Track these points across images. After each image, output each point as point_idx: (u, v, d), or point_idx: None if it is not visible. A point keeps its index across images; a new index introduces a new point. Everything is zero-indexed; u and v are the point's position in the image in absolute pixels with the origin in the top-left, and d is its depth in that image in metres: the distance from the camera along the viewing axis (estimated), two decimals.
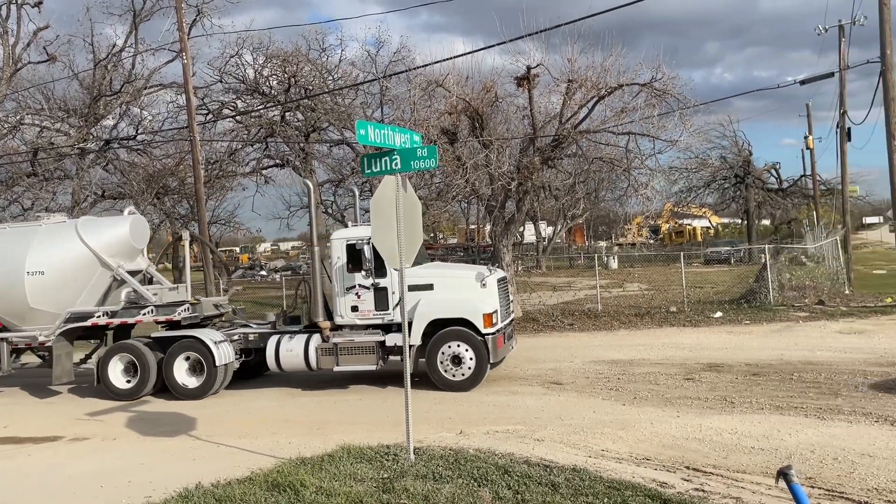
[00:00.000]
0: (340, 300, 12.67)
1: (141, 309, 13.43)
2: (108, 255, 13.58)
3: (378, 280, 12.47)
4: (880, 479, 6.65)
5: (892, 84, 19.29)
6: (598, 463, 7.36)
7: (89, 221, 14.70)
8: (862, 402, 9.83)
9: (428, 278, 12.68)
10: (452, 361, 12.11)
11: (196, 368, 12.86)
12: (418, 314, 12.25)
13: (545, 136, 21.23)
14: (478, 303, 12.29)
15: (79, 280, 13.49)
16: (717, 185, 50.46)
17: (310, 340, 12.73)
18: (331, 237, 13.31)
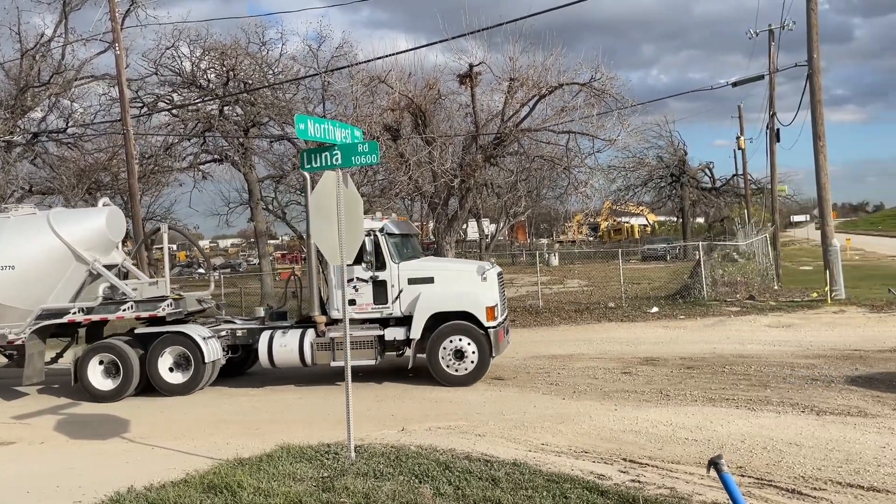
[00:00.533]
0: (337, 294, 12.36)
1: (120, 305, 12.87)
2: (83, 248, 12.93)
3: (377, 273, 12.29)
4: (806, 467, 6.91)
5: (818, 87, 20.10)
6: (539, 457, 7.44)
7: (62, 213, 14.02)
8: (789, 394, 10.22)
9: (428, 271, 12.60)
10: (455, 356, 11.96)
11: (182, 364, 12.49)
12: (419, 308, 12.11)
13: (488, 134, 21.35)
14: (480, 296, 12.19)
15: (52, 275, 12.80)
16: (654, 184, 51.73)
17: (304, 335, 12.44)
18: None
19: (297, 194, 29.52)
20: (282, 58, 29.07)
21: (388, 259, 12.36)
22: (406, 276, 12.37)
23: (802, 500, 6.01)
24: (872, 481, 6.39)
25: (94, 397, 12.34)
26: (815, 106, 20.02)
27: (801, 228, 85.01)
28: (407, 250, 13.07)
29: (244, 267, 56.74)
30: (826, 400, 9.72)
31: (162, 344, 12.42)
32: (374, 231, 12.26)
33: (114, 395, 12.33)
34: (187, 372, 12.40)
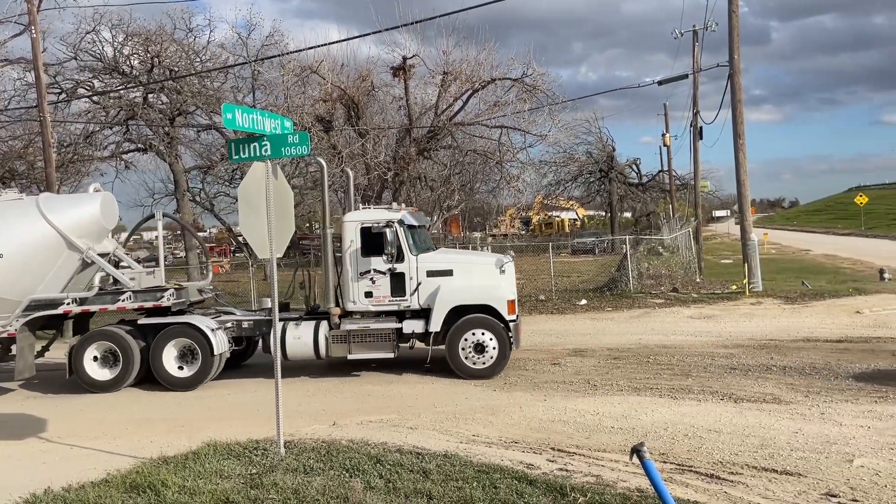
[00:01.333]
0: (353, 286, 12.12)
1: (117, 294, 12.33)
2: (76, 235, 12.25)
3: (395, 265, 12.05)
4: (724, 453, 7.20)
5: (738, 87, 20.89)
6: (470, 448, 7.51)
7: (52, 198, 13.31)
8: (710, 382, 10.63)
9: (447, 264, 12.42)
10: (475, 349, 11.83)
11: (187, 357, 12.09)
12: (440, 300, 11.94)
13: (421, 128, 21.37)
14: (501, 289, 12.12)
15: (42, 264, 12.10)
16: (584, 179, 52.79)
17: (319, 328, 12.16)
18: (343, 220, 12.56)
19: (225, 185, 28.83)
20: (210, 45, 28.30)
21: (407, 251, 12.15)
22: (425, 269, 12.19)
23: (720, 484, 6.26)
24: (786, 465, 6.72)
25: (90, 387, 11.91)
26: (735, 105, 20.80)
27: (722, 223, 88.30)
28: (421, 242, 12.88)
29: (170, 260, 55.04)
30: (743, 388, 10.15)
31: (168, 335, 12.02)
32: (392, 222, 12.07)
33: (111, 385, 11.92)
34: (192, 365, 12.02)
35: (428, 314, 12.06)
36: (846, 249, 40.98)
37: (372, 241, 12.04)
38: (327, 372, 12.68)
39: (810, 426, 8.00)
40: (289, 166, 21.49)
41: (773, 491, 6.06)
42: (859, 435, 7.58)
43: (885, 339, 13.35)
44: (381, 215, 12.29)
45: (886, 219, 61.66)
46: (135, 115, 27.31)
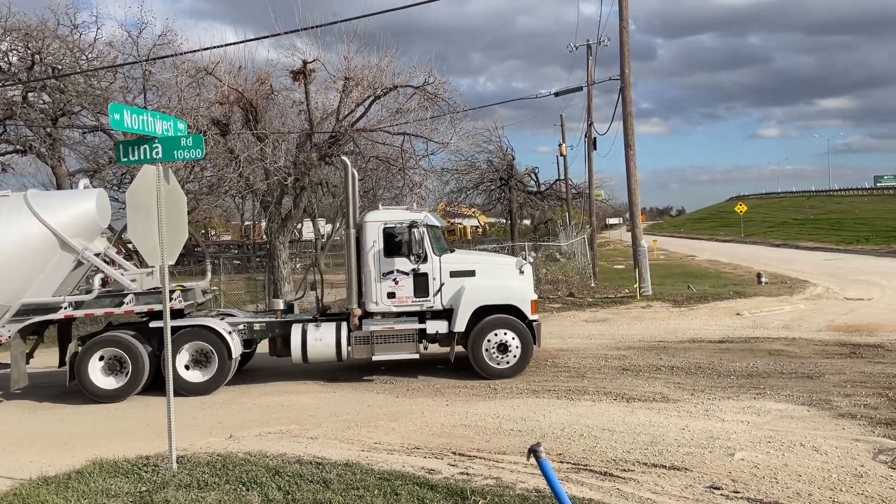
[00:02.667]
0: (376, 286, 11.98)
1: (118, 297, 11.64)
2: (70, 234, 11.45)
3: (419, 266, 11.97)
4: (618, 451, 7.49)
5: (629, 100, 21.86)
6: (371, 456, 7.46)
7: (43, 195, 12.52)
8: (604, 383, 11.02)
9: (469, 264, 12.47)
10: (498, 349, 11.84)
11: (200, 361, 11.59)
12: (465, 301, 11.92)
13: (322, 133, 21.09)
14: (524, 290, 12.28)
15: (32, 265, 11.27)
16: (485, 187, 53.58)
17: (340, 328, 11.91)
18: (365, 220, 12.26)
19: (114, 189, 27.41)
20: (97, 43, 26.87)
21: (430, 252, 12.12)
22: (448, 269, 12.19)
23: (613, 481, 6.50)
24: (673, 460, 7.05)
25: (94, 397, 11.23)
26: (626, 117, 21.75)
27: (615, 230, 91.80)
28: (440, 243, 12.86)
29: None
30: (635, 388, 10.59)
31: (182, 339, 11.45)
32: (416, 223, 12.08)
33: (119, 395, 11.29)
34: (206, 369, 11.55)
35: (450, 314, 12.08)
36: (727, 255, 43.57)
37: (395, 242, 12.09)
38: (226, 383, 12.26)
39: (696, 423, 8.44)
40: (183, 170, 20.68)
41: (661, 486, 6.34)
42: (740, 430, 8.06)
43: (763, 338, 14.27)
44: (404, 216, 12.29)
45: (763, 226, 66.00)
46: (13, 115, 25.54)
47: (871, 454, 7.02)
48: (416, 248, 11.96)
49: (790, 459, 6.93)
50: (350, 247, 12.13)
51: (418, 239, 11.97)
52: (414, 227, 12.01)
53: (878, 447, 7.24)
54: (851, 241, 42.50)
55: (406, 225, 12.04)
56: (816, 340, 13.73)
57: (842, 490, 6.10)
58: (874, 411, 8.64)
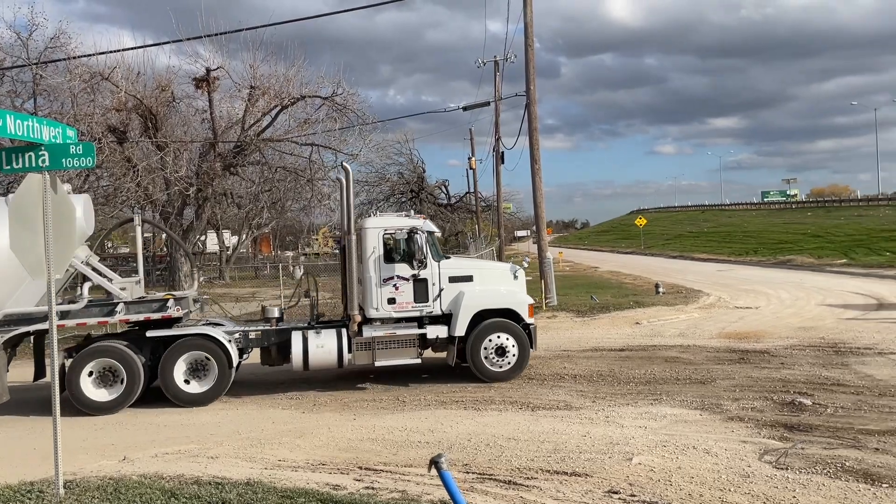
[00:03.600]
0: (376, 292, 12.01)
1: (108, 307, 11.31)
2: None
3: (419, 272, 12.07)
4: (522, 459, 7.61)
5: (535, 116, 22.42)
6: (274, 473, 7.28)
7: None
8: (509, 393, 11.20)
9: (467, 270, 12.66)
10: (497, 352, 12.06)
11: (198, 371, 11.36)
12: (465, 305, 12.10)
13: (227, 142, 20.57)
14: (521, 294, 12.62)
15: (17, 273, 9.96)
16: (396, 199, 53.70)
17: (341, 335, 11.87)
18: (364, 227, 12.28)
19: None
20: None
21: (430, 257, 12.22)
22: (447, 275, 12.35)
23: (517, 489, 6.60)
24: (574, 467, 7.24)
25: (87, 409, 10.87)
26: (532, 133, 22.29)
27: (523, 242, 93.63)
28: (438, 249, 12.96)
29: None
30: (540, 397, 10.81)
31: (180, 348, 11.25)
32: (416, 229, 12.21)
33: (114, 406, 10.97)
34: (204, 379, 11.33)
35: (449, 319, 12.21)
36: (628, 266, 45.21)
37: (395, 248, 12.23)
38: None
39: (597, 429, 8.70)
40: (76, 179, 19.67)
41: (563, 492, 6.49)
42: (638, 435, 8.36)
43: (660, 346, 14.88)
44: (404, 222, 12.43)
45: (661, 238, 68.97)
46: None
47: (757, 455, 7.43)
48: (419, 253, 12.09)
49: (684, 462, 7.24)
50: (350, 253, 12.10)
51: (420, 245, 12.11)
52: (414, 233, 12.14)
53: (763, 448, 7.67)
54: (741, 253, 45.00)
55: (406, 231, 12.17)
56: (709, 347, 14.42)
57: (730, 490, 6.42)
58: (760, 414, 9.15)
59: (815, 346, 13.71)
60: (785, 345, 14.10)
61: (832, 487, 6.39)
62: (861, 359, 12.30)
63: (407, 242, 12.17)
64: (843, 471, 6.80)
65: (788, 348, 13.70)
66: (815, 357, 12.68)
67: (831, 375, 11.09)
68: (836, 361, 12.18)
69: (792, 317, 18.17)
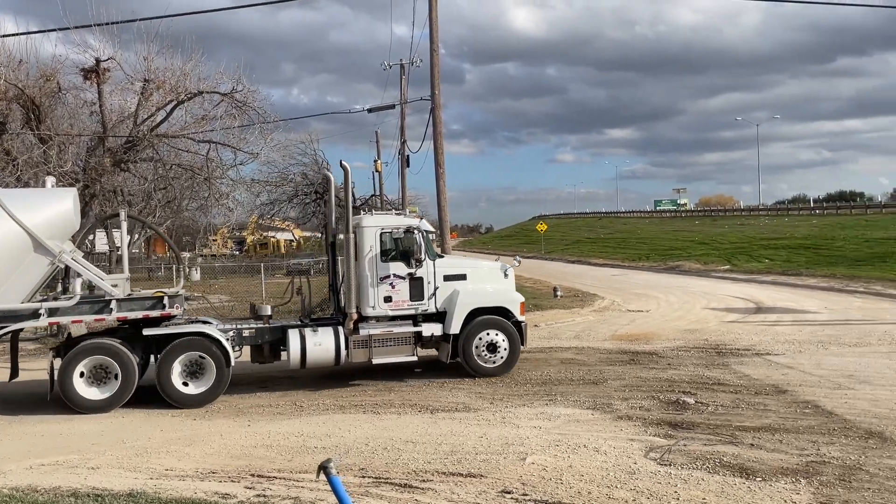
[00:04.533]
0: (373, 290, 12.10)
1: (99, 304, 11.00)
2: (46, 236, 10.74)
3: (415, 270, 12.17)
4: (419, 462, 7.62)
5: (439, 120, 22.58)
6: (160, 483, 6.98)
7: (13, 192, 11.88)
8: (409, 395, 11.21)
9: (461, 269, 12.85)
10: (488, 349, 12.29)
11: (194, 371, 11.13)
12: (460, 303, 12.28)
13: (118, 137, 19.61)
14: (513, 292, 12.89)
15: (5, 268, 10.49)
16: (300, 200, 52.66)
17: (338, 333, 11.84)
18: (362, 225, 12.32)
19: None
20: None
21: (426, 256, 12.33)
22: (442, 273, 12.50)
23: (412, 492, 6.61)
24: (470, 468, 7.31)
25: (80, 408, 10.63)
26: (436, 137, 22.45)
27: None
28: (432, 248, 13.09)
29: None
30: (440, 399, 10.87)
31: (178, 347, 11.02)
32: (413, 228, 12.35)
33: (107, 405, 10.74)
34: (201, 379, 11.11)
35: (442, 317, 12.36)
36: (529, 270, 46.21)
37: (392, 247, 12.34)
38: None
39: (493, 430, 8.83)
40: None
41: (457, 494, 6.55)
42: (532, 435, 8.55)
43: (556, 348, 15.28)
44: (401, 221, 12.59)
45: (561, 244, 70.97)
46: None
47: (643, 452, 7.75)
48: (417, 252, 12.21)
49: (575, 461, 7.46)
50: (349, 251, 12.02)
51: (417, 244, 12.23)
52: (411, 232, 12.26)
53: (649, 446, 8.01)
54: (635, 259, 46.94)
55: (403, 230, 12.30)
56: (602, 349, 14.94)
57: (617, 487, 6.66)
58: (647, 413, 9.55)
59: (699, 348, 14.45)
60: (672, 346, 14.79)
61: (711, 482, 6.75)
62: (740, 359, 13.07)
63: (404, 241, 12.32)
64: (721, 466, 7.19)
65: (675, 350, 14.39)
66: (698, 358, 13.36)
67: (713, 375, 11.72)
68: (717, 362, 12.89)
69: (679, 320, 19.10)
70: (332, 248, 13.33)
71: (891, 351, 13.09)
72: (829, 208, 61.41)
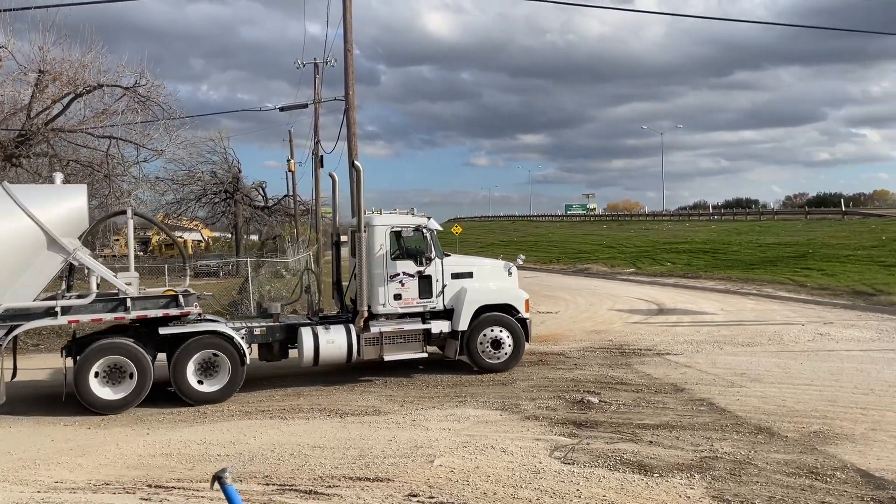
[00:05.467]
0: (383, 288, 12.32)
1: (116, 302, 10.92)
2: (60, 233, 10.62)
3: (424, 268, 12.48)
4: (326, 468, 7.52)
5: (353, 121, 22.33)
6: (49, 497, 6.59)
7: (26, 188, 11.67)
8: (319, 399, 11.04)
9: (468, 267, 13.12)
10: (492, 345, 12.62)
11: (208, 369, 11.22)
12: (468, 301, 12.61)
13: (9, 130, 18.45)
14: (518, 290, 13.24)
15: (16, 265, 10.38)
16: (208, 200, 51.18)
17: (350, 331, 12.05)
18: (373, 224, 12.52)
19: None
20: None
21: (435, 255, 12.64)
22: (450, 272, 12.81)
23: (317, 499, 6.51)
24: (378, 472, 7.27)
25: (95, 409, 10.56)
26: (350, 138, 22.17)
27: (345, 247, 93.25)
28: (440, 247, 13.20)
29: None
30: (349, 403, 10.76)
31: (194, 346, 11.08)
32: (422, 227, 12.69)
33: (123, 405, 10.72)
34: (216, 377, 11.20)
35: (450, 314, 12.68)
36: None
37: (401, 245, 12.63)
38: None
39: (403, 433, 8.82)
40: None
41: (364, 499, 6.49)
42: (441, 437, 8.58)
43: None
44: (410, 220, 12.79)
45: (476, 246, 71.67)
46: None
47: (548, 452, 7.91)
48: (427, 250, 12.59)
49: (482, 462, 7.53)
50: (360, 250, 12.20)
51: (427, 242, 12.62)
52: (420, 230, 12.62)
53: (554, 445, 8.18)
54: (546, 261, 47.99)
55: (412, 229, 12.60)
56: None
57: (522, 486, 6.77)
58: (554, 412, 9.77)
59: (604, 349, 14.90)
60: (579, 347, 15.19)
61: (611, 479, 6.96)
62: (642, 359, 13.55)
63: (413, 240, 12.67)
64: (622, 463, 7.44)
65: (581, 350, 14.78)
66: (603, 358, 13.77)
67: (616, 375, 12.10)
68: (621, 362, 13.32)
69: (586, 321, 19.63)
70: (337, 247, 13.92)
71: (779, 350, 13.88)
72: (726, 214, 64.62)
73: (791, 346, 12.36)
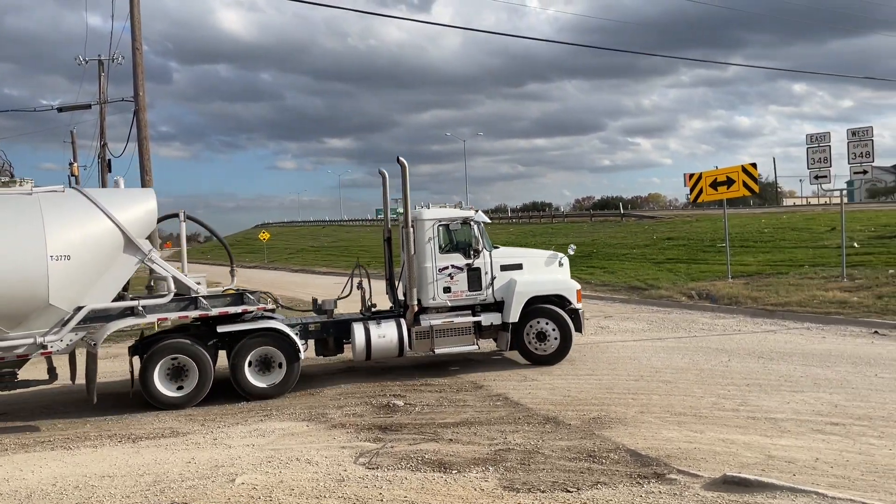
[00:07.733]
0: (432, 282, 12.41)
1: (187, 301, 11.20)
2: (137, 235, 10.84)
3: (472, 261, 12.51)
4: (117, 498, 7.06)
5: (144, 123, 21.06)
6: None
7: (105, 192, 12.50)
8: (108, 425, 10.29)
9: (517, 258, 13.06)
10: (538, 338, 12.68)
11: (262, 365, 11.44)
12: (518, 292, 12.56)
13: None
14: (570, 281, 13.17)
15: (99, 266, 10.49)
16: None
17: (401, 325, 12.19)
18: (422, 218, 12.62)
19: None
20: None
21: (483, 247, 12.64)
22: (499, 264, 12.77)
23: None
24: (174, 497, 6.96)
25: (161, 405, 10.84)
26: (141, 141, 20.89)
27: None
28: (488, 239, 13.16)
29: None
30: (143, 426, 10.14)
31: (252, 343, 11.37)
32: (471, 220, 12.74)
33: (187, 402, 10.97)
34: (270, 373, 11.49)
35: (500, 307, 12.63)
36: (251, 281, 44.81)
37: (450, 238, 12.66)
38: None
39: (203, 453, 8.50)
40: None
41: None
42: (245, 454, 8.39)
43: None
44: (458, 213, 12.87)
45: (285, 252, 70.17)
46: None
47: (353, 458, 8.03)
48: (475, 243, 12.59)
49: (286, 475, 7.48)
50: (409, 244, 12.31)
51: (476, 235, 12.62)
52: (468, 223, 12.67)
53: (359, 451, 8.32)
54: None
55: (460, 222, 12.67)
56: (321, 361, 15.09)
57: (326, 496, 6.83)
58: (360, 419, 9.91)
59: None
60: None
61: (413, 479, 7.23)
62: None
63: (461, 233, 12.72)
64: (423, 463, 7.75)
65: None
66: (410, 361, 14.18)
67: (422, 376, 12.53)
68: (426, 363, 13.80)
69: None
70: (389, 244, 13.97)
71: None
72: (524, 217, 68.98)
73: (577, 339, 13.51)
